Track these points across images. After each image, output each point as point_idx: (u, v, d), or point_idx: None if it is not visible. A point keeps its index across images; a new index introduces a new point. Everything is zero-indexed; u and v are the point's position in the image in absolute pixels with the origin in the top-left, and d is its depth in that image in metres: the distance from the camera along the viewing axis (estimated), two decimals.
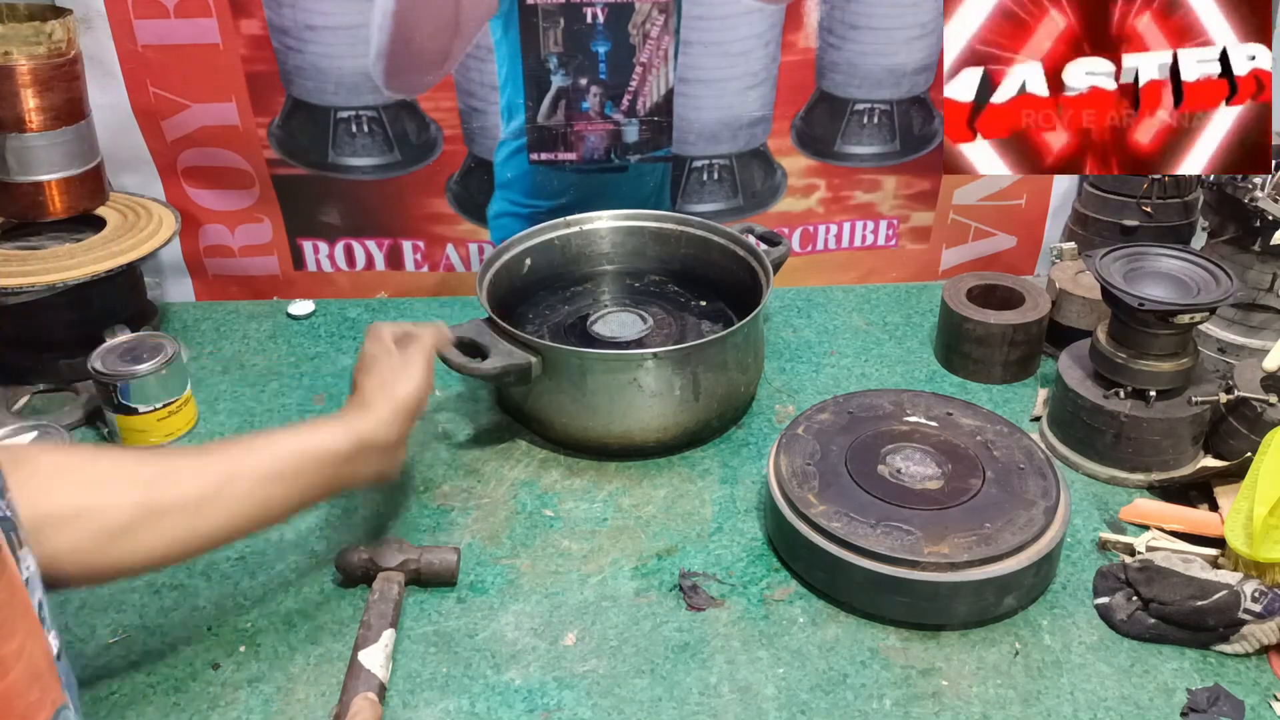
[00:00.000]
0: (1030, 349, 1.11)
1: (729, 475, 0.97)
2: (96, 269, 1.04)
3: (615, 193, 1.26)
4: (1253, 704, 0.73)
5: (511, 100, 1.20)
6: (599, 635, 0.79)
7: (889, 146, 1.28)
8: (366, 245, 1.30)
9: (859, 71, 1.23)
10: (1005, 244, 1.36)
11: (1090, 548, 0.88)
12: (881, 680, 0.75)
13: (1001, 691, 0.74)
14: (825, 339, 1.21)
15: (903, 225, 1.34)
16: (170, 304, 1.29)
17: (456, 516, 0.92)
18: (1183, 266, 0.95)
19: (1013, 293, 1.14)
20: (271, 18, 1.13)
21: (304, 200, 1.26)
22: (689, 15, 1.16)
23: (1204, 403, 0.93)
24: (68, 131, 1.07)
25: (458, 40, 1.16)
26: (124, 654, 0.78)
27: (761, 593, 0.83)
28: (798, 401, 1.09)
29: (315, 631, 0.79)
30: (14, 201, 1.08)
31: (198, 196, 1.25)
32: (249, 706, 0.73)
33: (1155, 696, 0.74)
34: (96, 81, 1.13)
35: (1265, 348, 0.97)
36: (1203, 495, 0.91)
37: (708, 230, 1.15)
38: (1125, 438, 0.94)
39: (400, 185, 1.25)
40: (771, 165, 1.28)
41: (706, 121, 1.23)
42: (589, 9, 1.14)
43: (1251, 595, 0.76)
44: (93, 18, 1.12)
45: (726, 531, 0.90)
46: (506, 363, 0.94)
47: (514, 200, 1.27)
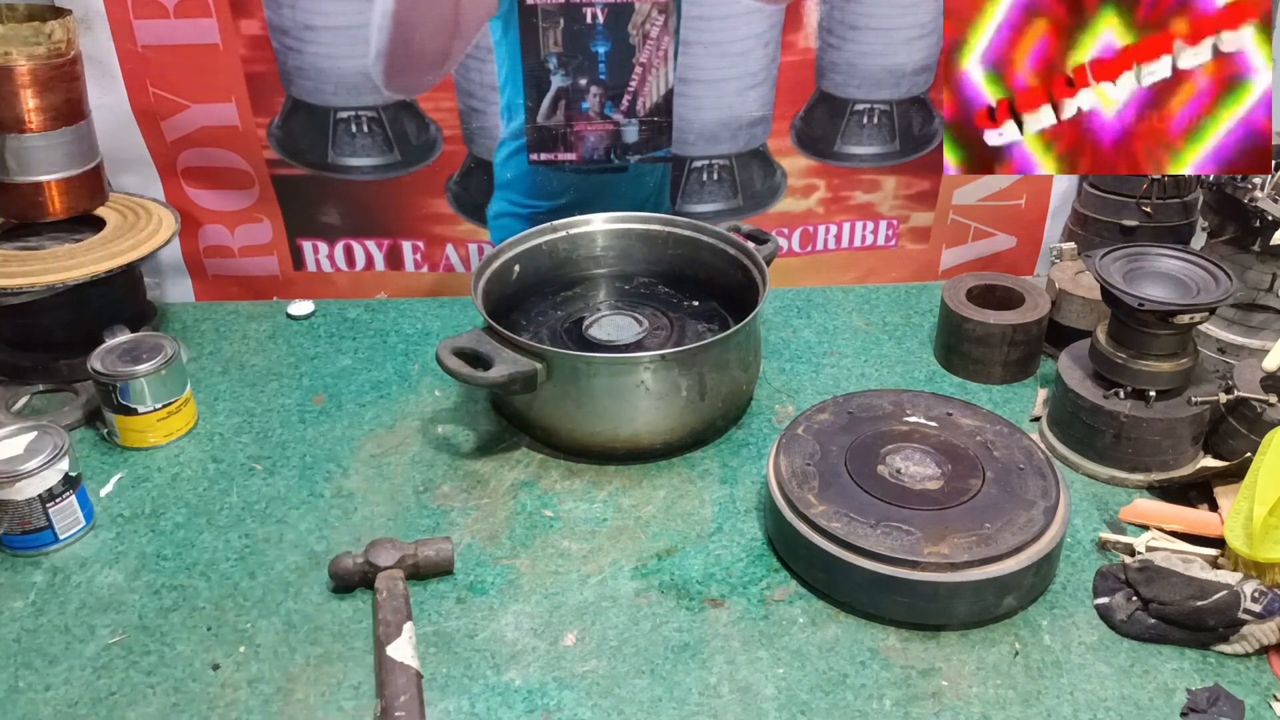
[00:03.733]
0: (1030, 349, 1.11)
1: (729, 475, 0.97)
2: (96, 269, 1.04)
3: (615, 193, 1.26)
4: (1252, 704, 0.73)
5: (511, 100, 1.20)
6: (599, 635, 0.79)
7: (889, 147, 1.28)
8: (366, 245, 1.30)
9: (859, 72, 1.23)
10: (1005, 244, 1.36)
11: (1090, 548, 0.88)
12: (881, 680, 0.75)
13: (1001, 692, 0.74)
14: (825, 339, 1.21)
15: (902, 225, 1.34)
16: (170, 304, 1.29)
17: (456, 517, 0.92)
18: (1182, 267, 0.95)
19: (1012, 293, 1.15)
20: (271, 18, 1.13)
21: (304, 200, 1.26)
22: (688, 15, 1.16)
23: (1204, 403, 0.93)
24: (67, 132, 1.07)
25: (457, 41, 1.16)
26: (124, 654, 0.78)
27: (761, 593, 0.83)
28: (797, 402, 1.09)
29: (315, 632, 0.79)
30: (13, 202, 1.08)
31: (197, 197, 1.25)
32: (249, 707, 0.73)
33: (1155, 697, 0.74)
34: (96, 82, 1.13)
35: (1265, 348, 0.97)
36: (1202, 495, 0.91)
37: (696, 230, 1.15)
38: (1125, 438, 0.94)
39: (400, 185, 1.25)
40: (771, 165, 1.28)
41: (706, 122, 1.23)
42: (589, 9, 1.14)
43: (1251, 595, 0.76)
44: (92, 18, 1.12)
45: (726, 531, 0.90)
46: (512, 371, 0.94)
47: (514, 201, 1.27)
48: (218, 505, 0.94)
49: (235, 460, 1.00)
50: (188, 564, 0.87)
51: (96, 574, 0.86)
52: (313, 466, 0.99)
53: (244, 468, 0.99)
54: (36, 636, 0.79)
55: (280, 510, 0.93)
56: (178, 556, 0.88)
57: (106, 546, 0.89)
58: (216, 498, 0.95)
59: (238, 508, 0.93)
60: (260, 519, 0.92)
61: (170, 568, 0.86)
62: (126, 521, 0.92)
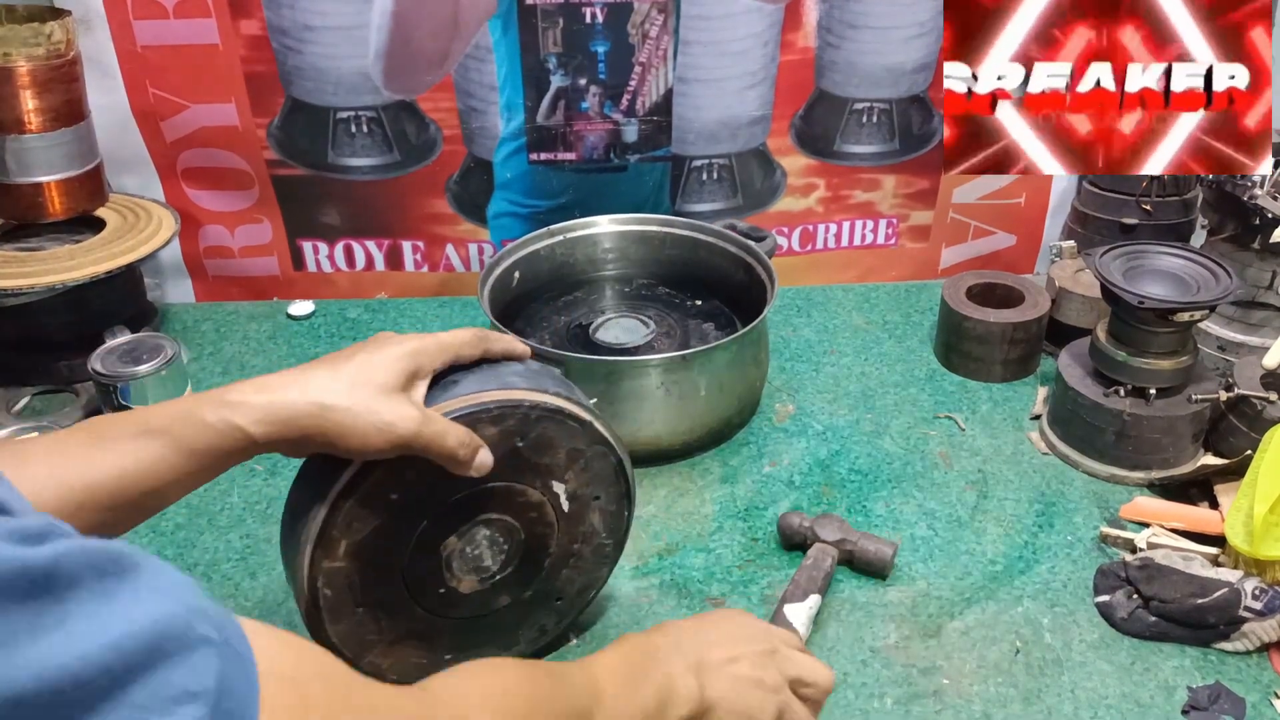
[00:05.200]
0: (1030, 347, 1.11)
1: (729, 474, 0.97)
2: (96, 270, 1.04)
3: (614, 193, 1.26)
4: (1253, 701, 0.73)
5: (511, 100, 1.20)
6: (600, 635, 0.79)
7: (888, 145, 1.28)
8: (366, 246, 1.30)
9: (858, 70, 1.23)
10: (1005, 242, 1.36)
11: (1091, 546, 0.88)
12: (882, 679, 0.75)
13: (1002, 690, 0.74)
14: (825, 338, 1.21)
15: (902, 224, 1.34)
16: (170, 305, 1.29)
17: None
18: (1182, 264, 0.95)
19: (1012, 291, 1.14)
20: (271, 18, 1.13)
21: (304, 201, 1.26)
22: (688, 15, 1.16)
23: (1204, 400, 0.93)
24: (67, 133, 1.07)
25: (457, 40, 1.16)
26: None
27: (762, 592, 0.83)
28: (798, 400, 1.09)
29: None
30: (13, 203, 1.08)
31: (197, 197, 1.25)
32: None
33: (1156, 694, 0.74)
34: (96, 82, 1.13)
35: (1265, 345, 0.97)
36: (1203, 493, 0.91)
37: (694, 230, 1.15)
38: (1125, 436, 0.94)
39: (400, 185, 1.25)
40: (771, 164, 1.28)
41: (706, 121, 1.23)
42: (588, 9, 1.14)
43: (1252, 593, 0.76)
44: (92, 19, 1.12)
45: (727, 530, 0.90)
46: None
47: (514, 200, 1.27)
48: (218, 506, 0.94)
49: None
50: (188, 565, 0.87)
51: None
52: None
53: (244, 468, 0.99)
54: None
55: (281, 511, 0.93)
56: (178, 557, 0.88)
57: None
58: (217, 498, 0.95)
59: (238, 508, 0.93)
60: (261, 519, 0.92)
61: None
62: None
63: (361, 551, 0.63)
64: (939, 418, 1.06)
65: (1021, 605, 0.82)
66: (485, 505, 0.67)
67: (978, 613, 0.81)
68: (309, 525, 0.62)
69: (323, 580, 0.62)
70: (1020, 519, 0.91)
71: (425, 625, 0.68)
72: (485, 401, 0.64)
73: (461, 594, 0.69)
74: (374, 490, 0.62)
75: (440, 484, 0.63)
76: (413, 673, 0.67)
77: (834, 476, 0.97)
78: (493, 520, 0.68)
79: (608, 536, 0.75)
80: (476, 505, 0.67)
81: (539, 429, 0.66)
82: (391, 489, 0.62)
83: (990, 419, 1.06)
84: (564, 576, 0.74)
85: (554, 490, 0.69)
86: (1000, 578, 0.85)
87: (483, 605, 0.70)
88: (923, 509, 0.93)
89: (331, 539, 0.62)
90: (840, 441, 1.02)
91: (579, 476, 0.70)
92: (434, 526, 0.65)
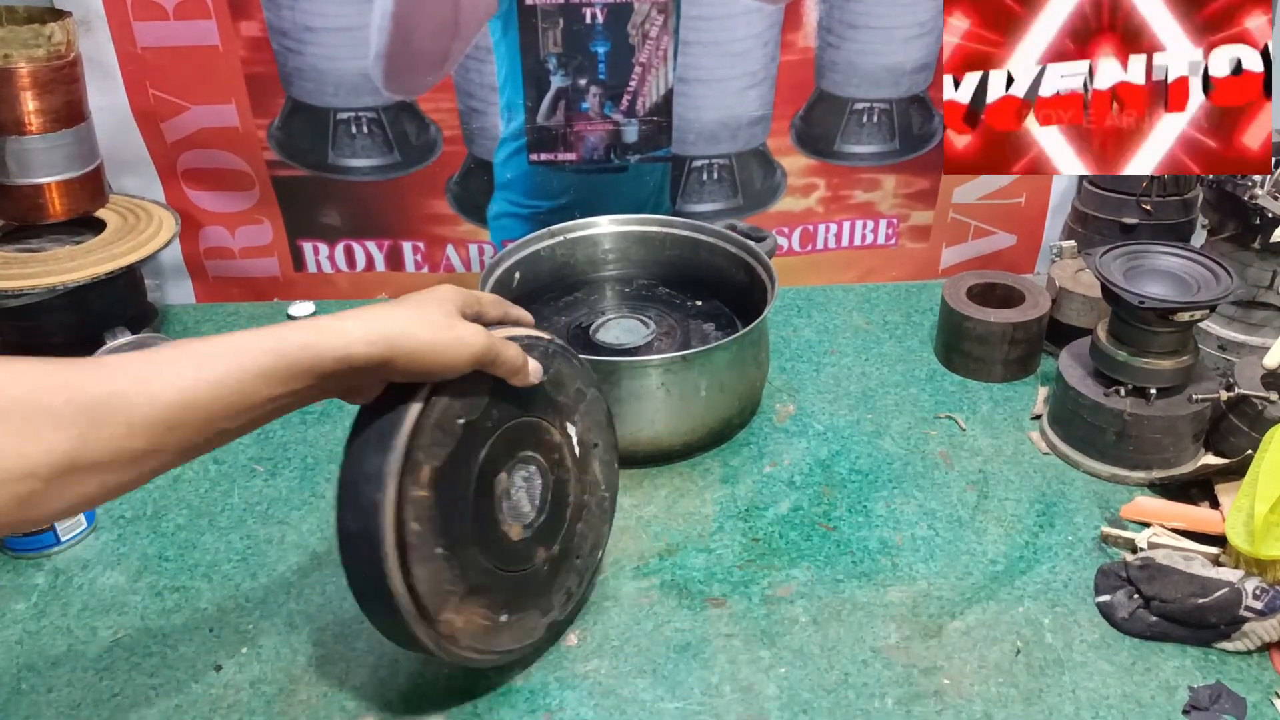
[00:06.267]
0: (1030, 347, 1.11)
1: (730, 475, 0.97)
2: (96, 271, 1.04)
3: (615, 193, 1.26)
4: (1254, 701, 0.73)
5: (511, 101, 1.20)
6: (600, 635, 0.79)
7: (888, 145, 1.28)
8: (367, 246, 1.30)
9: (858, 71, 1.23)
10: (1005, 242, 1.36)
11: (1091, 546, 0.88)
12: (883, 679, 0.75)
13: (1003, 690, 0.74)
14: (825, 338, 1.21)
15: (902, 224, 1.34)
16: (171, 306, 1.29)
17: None
18: (1183, 264, 0.95)
19: (1012, 291, 1.15)
20: (271, 19, 1.13)
21: (304, 202, 1.26)
22: (688, 15, 1.16)
23: (1204, 400, 0.93)
24: (67, 134, 1.07)
25: (457, 41, 1.16)
26: (126, 655, 0.78)
27: (763, 592, 0.83)
28: (798, 401, 1.09)
29: (317, 633, 0.79)
30: (14, 204, 1.08)
31: (198, 198, 1.25)
32: (251, 708, 0.73)
33: (1157, 694, 0.74)
34: (96, 84, 1.13)
35: (1265, 345, 0.97)
36: (1204, 493, 0.91)
37: (695, 230, 1.15)
38: (1126, 436, 0.94)
39: (400, 186, 1.25)
40: (771, 165, 1.28)
41: (706, 121, 1.23)
42: (588, 9, 1.14)
43: (1253, 593, 0.76)
44: (92, 20, 1.12)
45: (727, 531, 0.90)
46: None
47: (514, 201, 1.27)
48: (219, 506, 0.94)
49: (236, 461, 1.00)
50: (189, 565, 0.87)
51: (98, 576, 0.86)
52: (314, 468, 0.99)
53: (245, 469, 0.99)
54: (38, 638, 0.79)
55: (282, 511, 0.93)
56: (179, 558, 0.88)
57: (108, 548, 0.89)
58: (218, 499, 0.95)
59: (239, 509, 0.94)
60: (262, 520, 0.92)
61: (172, 569, 0.86)
62: (128, 523, 0.92)
63: (441, 480, 0.65)
64: (939, 418, 1.06)
65: (1022, 605, 0.82)
66: (524, 440, 0.72)
67: (978, 613, 0.81)
68: (390, 456, 0.63)
69: (411, 511, 0.63)
70: (1021, 519, 0.92)
71: (487, 579, 0.70)
72: (516, 334, 0.70)
73: (512, 542, 0.71)
74: (446, 411, 0.65)
75: (492, 409, 0.68)
76: (480, 636, 0.69)
77: (834, 476, 0.97)
78: (530, 458, 0.72)
79: (606, 489, 0.80)
80: (518, 439, 0.71)
81: (556, 364, 0.74)
82: (458, 413, 0.66)
83: (991, 419, 1.06)
84: (579, 531, 0.78)
85: (568, 432, 0.75)
86: (1001, 578, 0.85)
87: (526, 559, 0.73)
88: (923, 509, 0.93)
89: (417, 463, 0.63)
90: (841, 441, 1.02)
91: (584, 419, 0.77)
92: (489, 460, 0.69)
